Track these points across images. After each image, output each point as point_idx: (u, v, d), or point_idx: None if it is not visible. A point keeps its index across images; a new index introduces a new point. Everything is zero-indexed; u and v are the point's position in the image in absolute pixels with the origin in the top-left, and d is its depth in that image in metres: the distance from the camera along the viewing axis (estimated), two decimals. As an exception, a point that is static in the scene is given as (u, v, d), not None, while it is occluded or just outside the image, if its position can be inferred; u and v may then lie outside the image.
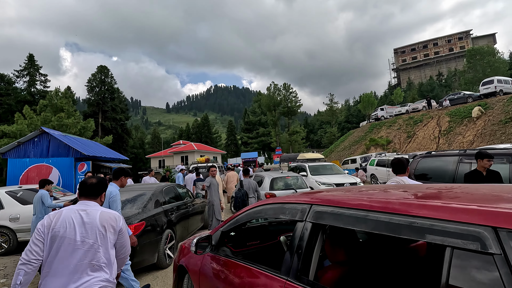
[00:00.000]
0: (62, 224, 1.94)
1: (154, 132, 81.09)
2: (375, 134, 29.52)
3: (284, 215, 2.03)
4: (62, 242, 1.90)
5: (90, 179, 2.19)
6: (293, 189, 8.02)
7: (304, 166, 10.83)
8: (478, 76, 46.77)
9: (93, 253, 1.94)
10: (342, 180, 9.50)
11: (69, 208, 2.05)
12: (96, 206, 2.11)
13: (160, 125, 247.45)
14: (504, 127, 18.56)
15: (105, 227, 2.01)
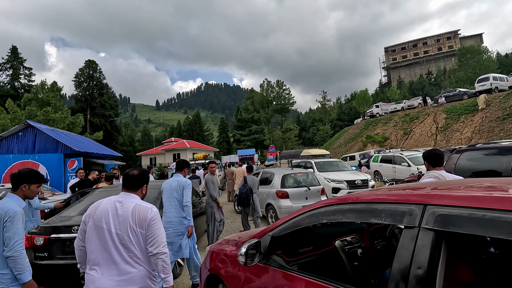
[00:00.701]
0: (100, 214, 1.97)
1: (144, 130, 79.35)
2: (371, 131, 29.39)
3: (377, 218, 1.52)
4: (100, 232, 1.94)
5: (132, 171, 2.17)
6: (306, 186, 7.52)
7: (310, 162, 10.36)
8: (469, 75, 47.46)
9: (127, 245, 1.93)
10: (353, 177, 9.09)
11: (109, 198, 2.07)
12: (133, 199, 2.07)
13: (150, 122, 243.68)
14: (502, 124, 18.57)
15: (136, 221, 1.97)
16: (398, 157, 11.92)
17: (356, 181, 8.80)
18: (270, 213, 7.44)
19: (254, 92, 68.19)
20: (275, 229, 2.20)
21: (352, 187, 8.73)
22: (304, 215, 2.04)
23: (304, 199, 7.32)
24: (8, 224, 2.14)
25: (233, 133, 71.27)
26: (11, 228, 2.14)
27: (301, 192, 7.35)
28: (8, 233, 2.13)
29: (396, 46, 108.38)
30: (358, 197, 1.79)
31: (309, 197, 7.40)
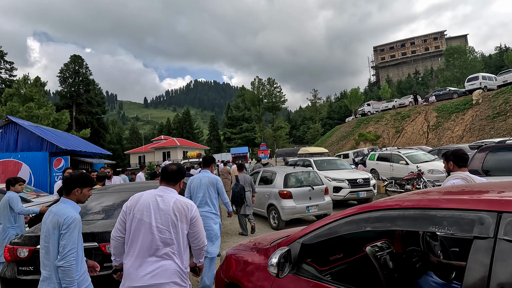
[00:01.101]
0: (141, 207, 2.02)
1: (132, 127, 77.65)
2: (363, 129, 29.50)
3: (438, 226, 1.33)
4: (140, 225, 1.99)
5: (171, 166, 2.24)
6: (309, 186, 7.23)
7: (309, 161, 10.02)
8: (456, 75, 48.44)
9: (165, 239, 1.98)
10: (354, 176, 8.82)
11: (149, 192, 2.12)
12: (172, 193, 2.14)
13: (138, 120, 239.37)
14: (493, 122, 18.86)
15: (177, 215, 2.03)
16: (396, 155, 11.82)
17: (358, 180, 8.60)
18: (272, 214, 7.13)
19: (245, 90, 67.63)
20: (306, 236, 2.00)
21: (354, 186, 8.50)
22: (341, 221, 1.83)
23: (308, 199, 7.05)
24: (65, 232, 2.06)
25: (223, 131, 70.60)
26: (68, 236, 2.05)
27: (304, 192, 7.06)
28: (63, 241, 2.05)
29: (385, 46, 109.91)
30: (406, 201, 1.57)
31: (313, 197, 7.13)
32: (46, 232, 2.09)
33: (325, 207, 7.19)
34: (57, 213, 2.11)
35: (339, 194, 8.42)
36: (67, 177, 2.27)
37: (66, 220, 2.06)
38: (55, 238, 2.06)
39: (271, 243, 2.45)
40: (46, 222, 2.11)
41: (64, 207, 2.17)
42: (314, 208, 7.02)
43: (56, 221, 2.07)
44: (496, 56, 69.95)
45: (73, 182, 2.25)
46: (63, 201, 2.23)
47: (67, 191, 2.25)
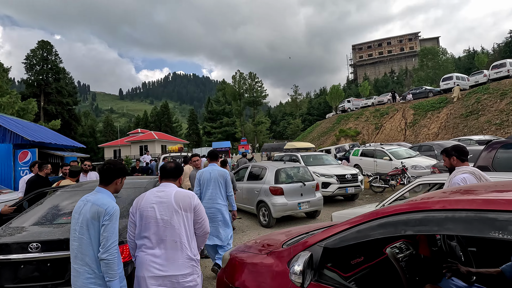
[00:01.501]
0: (144, 204, 2.16)
1: (107, 120, 74.19)
2: (344, 125, 29.96)
3: (502, 232, 1.13)
4: (146, 220, 2.11)
5: (169, 164, 2.37)
6: (301, 181, 7.01)
7: (296, 156, 9.83)
8: (429, 75, 50.54)
9: (172, 229, 2.08)
10: (342, 171, 8.66)
11: (151, 191, 2.26)
12: (173, 187, 2.24)
13: (113, 112, 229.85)
14: (466, 120, 19.72)
15: (180, 205, 2.13)
16: (379, 151, 11.95)
17: (346, 176, 8.51)
18: (262, 211, 6.85)
19: (225, 84, 66.73)
20: (329, 239, 1.76)
21: (342, 181, 8.42)
22: (373, 223, 1.60)
23: (299, 195, 6.86)
24: (107, 223, 1.96)
25: (203, 125, 69.34)
26: (110, 227, 1.96)
27: (296, 188, 6.86)
28: (106, 233, 1.95)
29: (363, 45, 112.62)
30: (454, 202, 1.38)
31: (304, 193, 6.94)
32: (83, 223, 1.96)
33: (317, 204, 7.05)
34: (96, 203, 1.99)
35: (327, 190, 8.30)
36: (108, 167, 2.16)
37: (108, 210, 1.97)
38: (95, 229, 1.96)
39: (282, 244, 2.19)
40: (82, 212, 1.99)
41: (102, 196, 2.06)
42: (306, 204, 6.85)
43: (95, 211, 1.96)
44: (464, 58, 73.82)
45: (115, 172, 2.15)
46: (100, 191, 2.10)
47: (106, 181, 2.13)
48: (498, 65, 22.12)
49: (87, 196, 2.08)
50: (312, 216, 7.36)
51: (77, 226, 1.98)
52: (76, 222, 1.99)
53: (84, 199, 2.05)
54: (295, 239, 2.23)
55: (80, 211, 2.00)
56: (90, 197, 2.05)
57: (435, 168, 8.41)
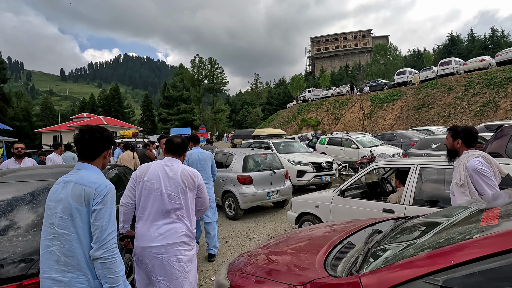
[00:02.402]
0: (150, 176, 2.16)
1: (45, 102, 65.92)
2: (305, 115, 30.25)
3: None
4: (150, 192, 2.14)
5: (176, 139, 2.37)
6: (271, 169, 6.46)
7: (267, 143, 9.17)
8: (381, 70, 53.73)
9: (175, 204, 2.14)
10: (318, 159, 8.23)
11: (156, 162, 2.24)
12: (178, 163, 2.29)
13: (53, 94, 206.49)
14: (418, 113, 21.01)
15: (185, 183, 2.19)
16: (347, 139, 11.88)
17: (322, 164, 8.09)
18: (228, 202, 6.14)
19: (183, 69, 63.32)
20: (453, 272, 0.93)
21: (318, 170, 7.97)
22: None
23: (269, 184, 6.33)
24: (100, 207, 1.44)
25: (159, 111, 65.35)
26: (104, 212, 1.44)
27: (266, 176, 6.30)
28: (100, 221, 1.43)
29: (321, 38, 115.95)
30: None
31: (274, 181, 6.43)
32: (64, 212, 1.44)
33: (286, 192, 6.61)
34: (81, 182, 1.48)
35: (302, 179, 7.81)
36: (93, 134, 1.58)
37: (99, 189, 1.47)
38: (82, 218, 1.44)
39: (324, 263, 1.40)
40: (60, 198, 1.46)
41: (88, 174, 1.53)
42: (275, 194, 6.35)
43: (81, 192, 1.45)
44: (409, 57, 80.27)
45: (103, 141, 1.61)
46: (83, 167, 1.56)
47: (91, 154, 1.59)
48: (445, 62, 23.90)
49: (65, 176, 1.54)
50: (280, 206, 6.96)
51: (54, 219, 1.45)
52: (52, 213, 1.46)
53: (62, 180, 1.53)
54: (352, 254, 1.44)
55: (58, 198, 1.47)
56: (70, 177, 1.53)
57: (405, 156, 8.41)
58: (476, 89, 18.78)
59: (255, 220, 5.86)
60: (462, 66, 22.89)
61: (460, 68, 22.89)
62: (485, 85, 18.48)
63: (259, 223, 5.65)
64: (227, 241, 4.63)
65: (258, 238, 4.71)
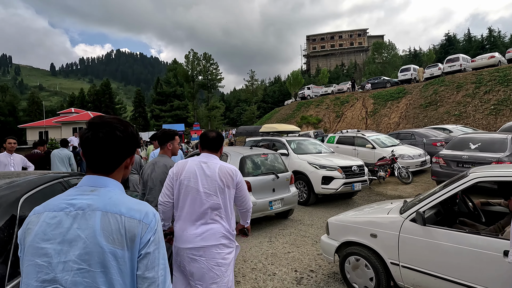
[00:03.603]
0: (187, 174, 2.05)
1: (32, 97, 63.30)
2: (304, 112, 29.00)
3: None
4: (188, 191, 2.02)
5: (211, 133, 2.21)
6: (273, 173, 5.24)
7: (280, 141, 7.66)
8: (379, 68, 52.87)
9: (213, 204, 2.01)
10: (348, 162, 6.81)
11: (193, 159, 2.13)
12: (216, 160, 2.15)
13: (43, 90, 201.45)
14: (425, 111, 19.92)
15: (223, 181, 2.04)
16: (360, 138, 10.61)
17: (353, 168, 6.60)
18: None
19: (177, 64, 61.40)
20: None
21: (348, 175, 6.50)
22: None
23: (271, 191, 5.13)
24: (153, 249, 0.92)
25: (151, 107, 63.31)
26: (159, 257, 0.93)
27: (267, 182, 5.10)
28: (153, 272, 0.91)
29: (317, 36, 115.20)
30: None
31: (277, 188, 5.22)
32: (86, 260, 0.87)
33: (291, 201, 5.42)
34: (113, 209, 0.91)
35: (329, 187, 6.33)
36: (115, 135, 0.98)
37: (146, 220, 0.93)
38: (122, 269, 0.88)
39: None
40: (76, 236, 0.88)
41: (118, 195, 0.97)
42: (279, 203, 5.17)
43: (119, 226, 0.90)
44: (405, 56, 79.78)
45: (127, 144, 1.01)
46: (105, 184, 0.99)
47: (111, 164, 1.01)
48: (452, 59, 22.88)
49: (72, 198, 0.93)
50: (284, 216, 5.75)
51: (62, 272, 0.85)
52: (54, 264, 0.86)
53: (66, 204, 0.92)
54: None
55: (69, 236, 0.88)
56: (85, 200, 0.92)
57: (439, 158, 7.14)
58: (488, 87, 17.76)
59: (270, 242, 4.49)
60: (471, 63, 21.91)
61: (468, 65, 21.89)
62: (498, 82, 17.48)
63: (276, 246, 4.30)
64: (238, 282, 3.23)
65: (282, 276, 3.35)
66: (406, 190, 7.93)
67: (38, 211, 0.93)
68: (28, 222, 0.92)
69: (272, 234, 4.84)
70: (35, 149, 6.57)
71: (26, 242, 0.89)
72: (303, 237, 4.59)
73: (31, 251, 0.87)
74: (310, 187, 6.56)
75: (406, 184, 8.45)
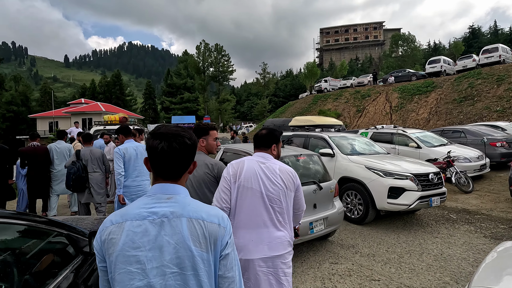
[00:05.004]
0: (247, 175, 1.85)
1: (44, 87, 63.38)
2: (321, 106, 27.29)
3: None
4: (247, 194, 1.82)
5: (261, 131, 2.09)
6: (314, 182, 3.78)
7: (322, 137, 5.96)
8: (398, 63, 50.27)
9: (277, 208, 1.83)
10: (421, 168, 5.05)
11: (250, 158, 1.95)
12: (273, 160, 1.96)
13: (57, 81, 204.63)
14: (460, 106, 18.00)
15: (286, 183, 1.87)
16: (402, 135, 8.99)
17: (430, 176, 4.88)
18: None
19: (188, 55, 60.12)
20: None
21: (425, 186, 4.77)
22: None
23: (312, 207, 3.66)
24: (230, 250, 1.01)
25: (161, 99, 62.52)
26: (235, 258, 1.03)
27: (307, 195, 3.54)
28: (232, 271, 1.00)
29: (331, 29, 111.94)
30: None
31: (319, 203, 3.76)
32: (178, 264, 0.93)
33: (336, 221, 3.94)
34: (195, 215, 0.98)
35: (399, 202, 4.61)
36: (187, 144, 1.05)
37: (224, 224, 1.01)
38: (208, 270, 0.96)
39: None
40: (165, 243, 0.93)
41: (194, 202, 1.04)
42: (321, 224, 3.70)
43: (203, 231, 0.97)
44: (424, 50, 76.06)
45: (193, 151, 1.09)
46: (178, 192, 1.04)
47: (180, 172, 1.07)
48: (490, 49, 20.72)
49: (152, 206, 0.98)
50: (324, 237, 4.30)
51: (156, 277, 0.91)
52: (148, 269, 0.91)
53: (148, 213, 0.96)
54: None
55: (159, 243, 0.94)
56: (166, 208, 0.97)
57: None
58: (536, 80, 15.73)
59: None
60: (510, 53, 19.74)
61: (508, 56, 19.73)
62: (548, 75, 15.42)
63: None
64: None
65: None
66: (470, 201, 6.37)
67: (117, 221, 0.96)
68: (108, 232, 0.95)
69: (323, 273, 3.33)
70: (34, 141, 5.80)
71: (113, 252, 0.92)
72: (371, 280, 3.14)
73: (121, 260, 0.91)
74: (369, 200, 4.88)
75: (467, 193, 6.87)
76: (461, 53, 36.63)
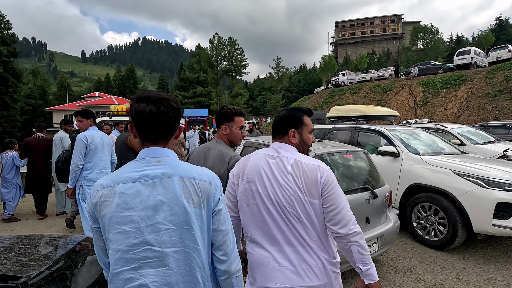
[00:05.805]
0: (251, 173, 1.36)
1: (61, 81, 64.48)
2: (339, 101, 26.06)
3: None
4: (253, 198, 1.34)
5: (281, 112, 1.58)
6: (367, 188, 2.88)
7: (380, 131, 4.71)
8: (419, 56, 47.96)
9: (294, 220, 1.27)
10: None
11: (258, 152, 1.44)
12: (289, 152, 1.36)
13: (74, 76, 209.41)
14: (495, 101, 16.50)
15: (299, 185, 1.27)
16: (442, 131, 7.91)
17: None
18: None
19: (201, 49, 59.58)
20: None
21: None
22: None
23: (364, 221, 2.79)
24: (222, 206, 1.08)
25: (174, 93, 62.43)
26: (226, 214, 1.09)
27: (358, 205, 2.72)
28: (225, 224, 1.07)
29: (346, 22, 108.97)
30: None
31: (372, 215, 2.89)
32: (172, 221, 0.97)
33: (391, 239, 3.03)
34: (186, 174, 1.01)
35: (510, 224, 3.24)
36: (173, 107, 1.05)
37: (214, 182, 1.06)
38: (202, 226, 1.01)
39: None
40: (158, 202, 0.96)
41: (183, 163, 1.07)
42: (374, 243, 2.83)
43: (195, 189, 1.00)
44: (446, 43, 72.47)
45: (179, 115, 1.10)
46: (167, 154, 1.05)
47: (167, 135, 1.08)
48: (528, 39, 18.93)
49: (143, 169, 0.99)
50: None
51: (151, 234, 0.95)
52: (142, 228, 0.94)
53: (140, 176, 0.98)
54: None
55: (151, 202, 0.96)
56: (157, 170, 0.99)
57: None
58: None
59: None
60: (553, 43, 17.96)
61: (548, 46, 17.97)
62: None
63: None
64: None
65: None
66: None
67: (108, 184, 0.97)
68: (99, 195, 0.96)
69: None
70: (40, 132, 5.63)
71: (106, 213, 0.94)
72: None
73: (115, 220, 0.94)
74: (458, 218, 3.54)
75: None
76: (490, 45, 34.32)
